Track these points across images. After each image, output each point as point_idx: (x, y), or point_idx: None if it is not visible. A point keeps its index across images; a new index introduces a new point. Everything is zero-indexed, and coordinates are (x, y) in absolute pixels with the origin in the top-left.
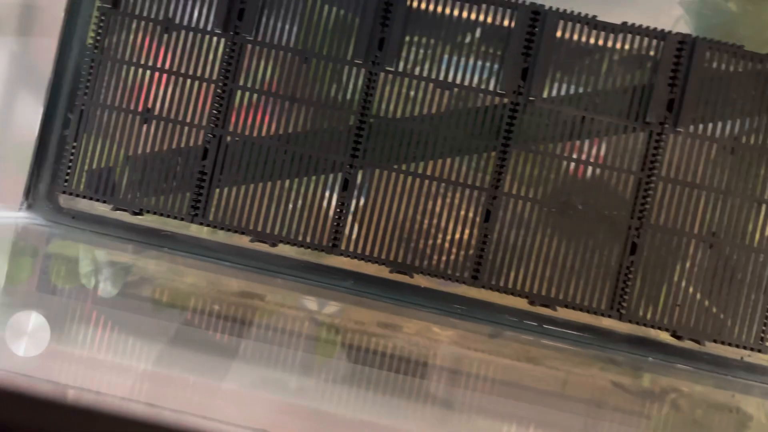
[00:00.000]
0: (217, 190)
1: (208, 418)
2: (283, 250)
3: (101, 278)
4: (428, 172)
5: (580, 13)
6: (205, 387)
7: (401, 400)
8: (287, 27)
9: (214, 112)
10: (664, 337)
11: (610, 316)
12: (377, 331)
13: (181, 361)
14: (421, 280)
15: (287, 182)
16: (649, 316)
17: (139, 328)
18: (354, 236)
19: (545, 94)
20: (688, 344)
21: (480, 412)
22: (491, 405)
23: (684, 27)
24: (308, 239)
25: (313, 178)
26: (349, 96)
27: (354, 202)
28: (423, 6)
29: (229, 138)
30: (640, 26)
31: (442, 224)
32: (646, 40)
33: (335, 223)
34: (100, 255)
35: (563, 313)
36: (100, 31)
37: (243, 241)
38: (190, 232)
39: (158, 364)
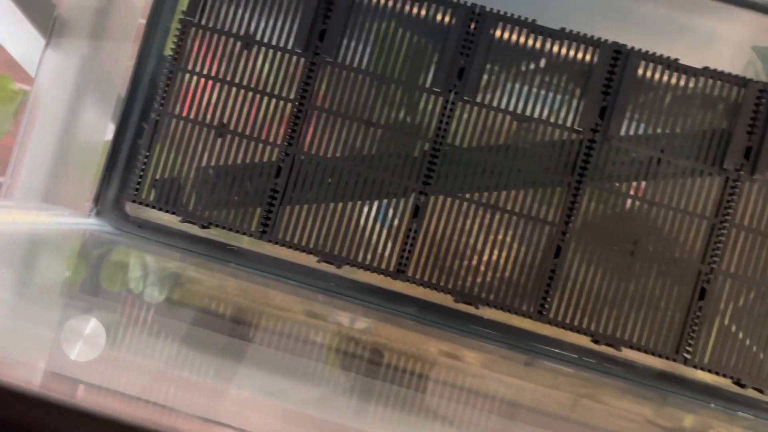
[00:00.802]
0: (288, 208)
1: None
2: (348, 272)
3: (154, 288)
4: (499, 204)
5: (662, 55)
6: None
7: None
8: (368, 51)
9: (290, 130)
10: (727, 383)
11: (675, 361)
12: (438, 359)
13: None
14: (485, 311)
15: (357, 205)
16: (714, 363)
17: (194, 341)
18: (421, 263)
19: (622, 133)
20: (750, 392)
21: None
22: None
23: (751, 71)
24: (375, 263)
25: (384, 202)
26: (425, 122)
27: (423, 228)
28: (506, 37)
29: (302, 157)
30: (721, 72)
31: (511, 257)
32: (726, 85)
33: (403, 249)
34: (160, 264)
35: (626, 354)
36: (180, 42)
37: (307, 260)
38: (255, 248)
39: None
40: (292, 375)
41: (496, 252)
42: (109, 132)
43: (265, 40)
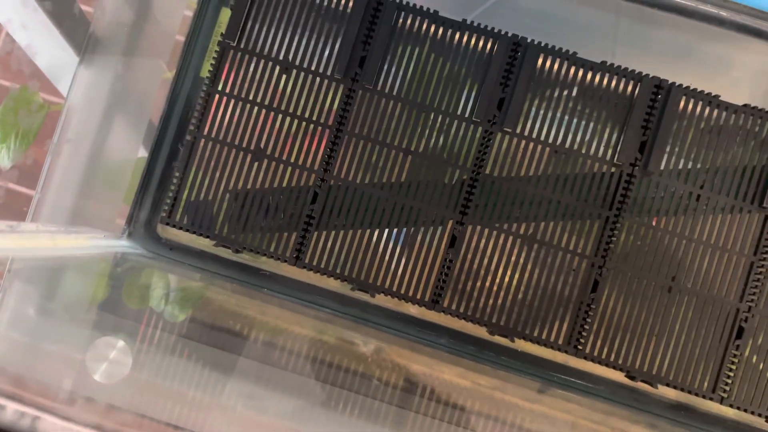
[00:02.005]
0: (323, 234)
1: None
2: (381, 300)
3: (175, 307)
4: (536, 236)
5: (703, 91)
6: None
7: None
8: (407, 79)
9: (326, 156)
10: (761, 423)
11: (711, 399)
12: (469, 390)
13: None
14: (519, 344)
15: (393, 233)
16: (750, 402)
17: (225, 366)
18: (457, 294)
19: (662, 168)
20: None
21: None
22: None
23: None
24: (410, 293)
25: (421, 230)
26: (463, 152)
27: (460, 259)
28: (546, 69)
29: (340, 183)
30: (762, 109)
31: (548, 290)
32: (767, 123)
33: (438, 279)
34: (178, 284)
35: (662, 390)
36: (217, 64)
37: (341, 287)
38: (289, 273)
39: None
40: (313, 400)
41: (532, 284)
42: (141, 151)
43: (305, 65)
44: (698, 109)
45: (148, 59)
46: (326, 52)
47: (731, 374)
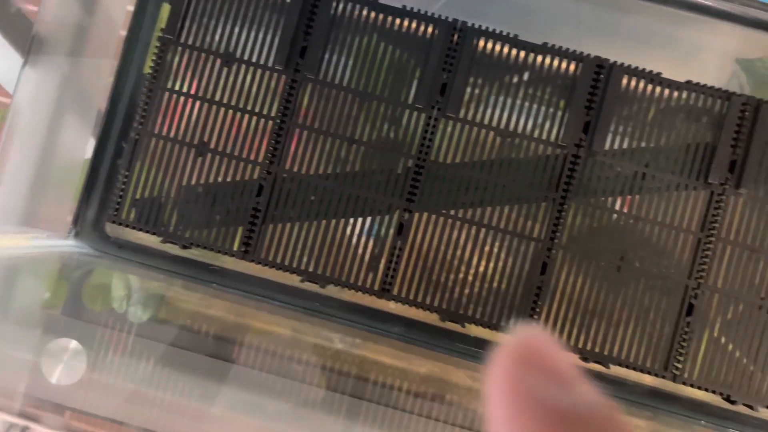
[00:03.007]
0: (270, 227)
1: None
2: (333, 291)
3: (138, 307)
4: (483, 220)
5: (644, 69)
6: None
7: None
8: (349, 67)
9: (271, 148)
10: (716, 400)
11: (663, 377)
12: (422, 379)
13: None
14: (472, 329)
15: (341, 223)
16: (703, 378)
17: (170, 361)
18: (406, 282)
19: (606, 147)
20: (740, 408)
21: None
22: None
23: (736, 83)
24: (359, 282)
25: (368, 219)
26: (408, 139)
27: (408, 246)
28: (488, 52)
29: (284, 175)
30: (704, 85)
31: (497, 273)
32: (710, 99)
33: (387, 267)
34: (140, 284)
35: (615, 371)
36: (159, 60)
37: (291, 279)
38: (240, 268)
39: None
40: (274, 394)
41: (481, 269)
42: (90, 151)
43: (246, 57)
44: (640, 87)
45: (95, 59)
46: (267, 44)
47: (683, 351)
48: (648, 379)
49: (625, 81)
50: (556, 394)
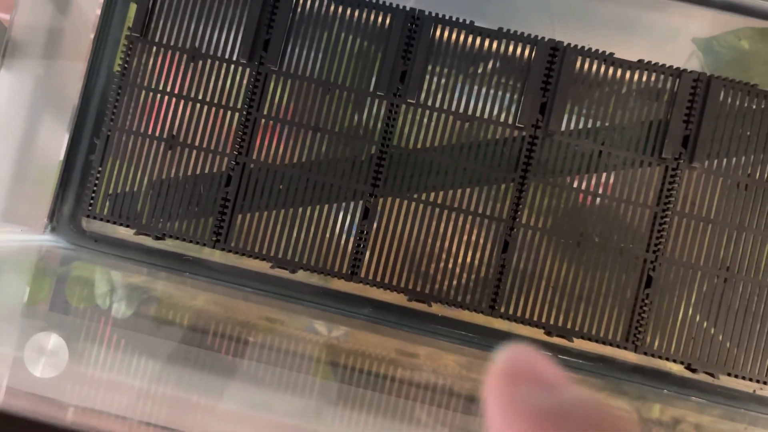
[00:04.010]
0: (239, 217)
1: None
2: (303, 276)
3: (118, 300)
4: (447, 203)
5: (597, 50)
6: (214, 410)
7: (417, 429)
8: (311, 58)
9: (238, 139)
10: (678, 369)
11: (625, 348)
12: (393, 358)
13: (196, 384)
14: (438, 309)
15: (308, 210)
16: (663, 348)
17: (153, 351)
18: (373, 264)
19: (563, 128)
20: (702, 377)
21: None
22: None
23: (696, 62)
24: (328, 266)
25: (334, 205)
26: (370, 126)
27: (374, 230)
28: (445, 39)
29: (252, 165)
30: (656, 63)
31: (460, 254)
32: (662, 76)
33: (355, 251)
34: (118, 278)
35: (579, 344)
36: (127, 58)
37: (263, 266)
38: (211, 257)
39: (175, 387)
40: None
41: (446, 250)
42: (65, 149)
43: (211, 52)
44: (594, 67)
45: (69, 61)
46: (231, 39)
47: (643, 323)
48: (604, 349)
49: (578, 62)
50: (543, 397)
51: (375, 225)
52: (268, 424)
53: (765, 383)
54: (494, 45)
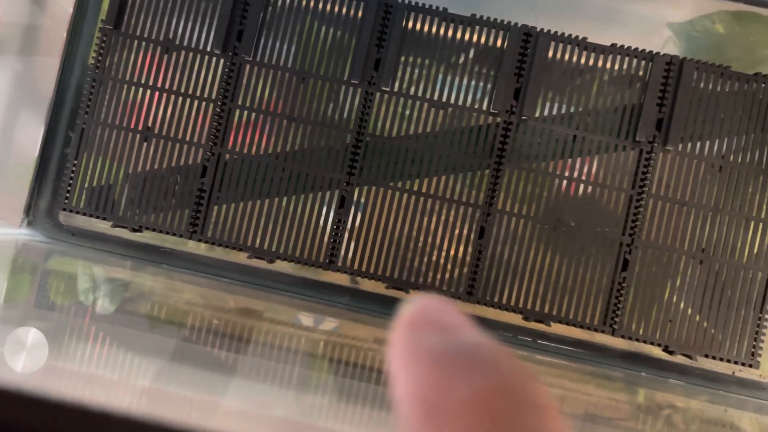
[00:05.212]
0: (216, 208)
1: None
2: (281, 266)
3: (99, 294)
4: (423, 190)
5: (570, 35)
6: (201, 403)
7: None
8: (285, 48)
9: (213, 130)
10: (657, 352)
11: (603, 332)
12: (373, 346)
13: (178, 377)
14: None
15: (285, 200)
16: (641, 331)
17: (136, 344)
18: (351, 253)
19: (537, 114)
20: (680, 359)
21: None
22: None
23: (673, 48)
24: (305, 255)
25: (311, 195)
26: (345, 115)
27: (351, 219)
28: (418, 27)
29: (227, 156)
30: (629, 47)
31: (437, 241)
32: (635, 60)
33: (332, 240)
34: (98, 271)
35: (557, 329)
36: (101, 51)
37: (241, 257)
38: (189, 248)
39: (156, 380)
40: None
41: (423, 237)
42: (41, 143)
43: (185, 43)
44: (567, 53)
45: (46, 56)
46: (205, 30)
47: (620, 306)
48: (582, 334)
49: (552, 48)
50: (439, 341)
51: (351, 213)
52: (251, 416)
53: (744, 365)
54: (467, 31)
